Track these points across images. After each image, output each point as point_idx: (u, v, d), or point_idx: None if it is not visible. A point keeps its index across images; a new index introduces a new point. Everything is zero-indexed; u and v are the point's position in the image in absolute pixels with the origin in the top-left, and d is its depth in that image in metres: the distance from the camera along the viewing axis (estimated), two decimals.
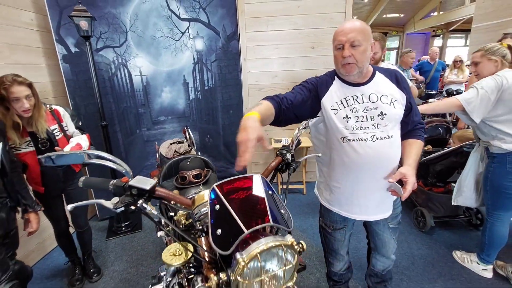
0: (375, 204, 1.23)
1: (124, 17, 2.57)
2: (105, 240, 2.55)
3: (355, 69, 1.08)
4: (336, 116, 1.13)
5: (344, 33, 1.05)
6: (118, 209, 0.82)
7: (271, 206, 0.74)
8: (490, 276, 1.94)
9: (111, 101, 2.68)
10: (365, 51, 1.07)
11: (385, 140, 1.11)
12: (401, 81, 1.16)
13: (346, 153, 1.14)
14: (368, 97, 1.12)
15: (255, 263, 0.64)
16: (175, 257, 0.90)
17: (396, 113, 1.12)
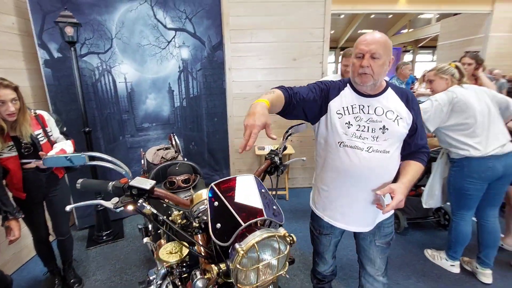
0: (356, 215, 1.23)
1: (109, 24, 2.58)
2: (85, 250, 2.48)
3: (370, 80, 1.09)
4: (339, 120, 1.16)
5: (367, 43, 1.06)
6: (118, 208, 0.85)
7: (264, 202, 0.81)
8: (458, 271, 2.11)
9: (94, 107, 2.65)
10: (384, 64, 1.08)
11: (381, 154, 1.12)
12: (411, 102, 1.16)
13: (340, 158, 1.16)
14: (374, 109, 1.14)
15: (252, 253, 0.71)
16: (172, 255, 0.94)
17: (399, 131, 1.12)
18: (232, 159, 3.49)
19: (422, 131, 1.19)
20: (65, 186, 1.87)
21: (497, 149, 1.76)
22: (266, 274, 0.76)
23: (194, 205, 0.86)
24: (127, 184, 0.87)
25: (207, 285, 0.82)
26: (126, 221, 2.95)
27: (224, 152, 3.45)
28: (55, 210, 1.81)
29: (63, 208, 1.79)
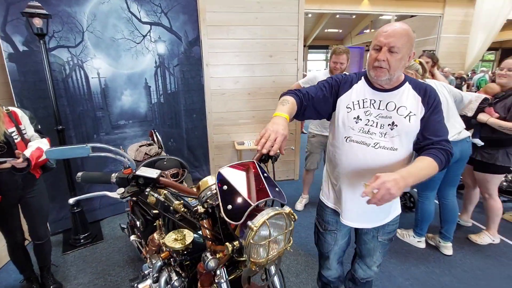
0: (359, 212, 1.21)
1: (80, 16, 2.45)
2: (62, 255, 2.35)
3: (385, 75, 1.04)
4: (348, 115, 1.14)
5: (386, 35, 1.00)
6: (125, 198, 0.86)
7: (268, 185, 0.88)
8: (424, 247, 2.37)
9: (65, 105, 2.51)
10: (402, 59, 1.03)
11: (388, 151, 1.09)
12: (427, 97, 1.09)
13: (346, 153, 1.15)
14: (386, 104, 1.10)
15: (262, 230, 0.77)
16: (177, 242, 0.97)
17: (409, 127, 1.07)
18: (211, 155, 3.50)
19: (438, 126, 1.08)
20: (42, 186, 1.76)
21: (454, 135, 2.00)
22: (274, 249, 0.83)
23: (201, 192, 0.89)
24: (133, 173, 0.88)
25: (218, 264, 0.87)
26: (104, 222, 2.84)
27: (203, 148, 3.44)
28: (32, 212, 1.71)
29: (41, 209, 1.72)
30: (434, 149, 1.03)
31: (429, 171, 0.99)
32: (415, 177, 0.94)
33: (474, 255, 2.27)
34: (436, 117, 1.09)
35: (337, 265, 1.45)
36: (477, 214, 2.79)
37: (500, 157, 2.12)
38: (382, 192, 0.86)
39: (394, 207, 1.29)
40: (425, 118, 1.08)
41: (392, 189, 0.86)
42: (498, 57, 14.15)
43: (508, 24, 6.56)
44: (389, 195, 0.86)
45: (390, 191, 0.86)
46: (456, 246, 2.35)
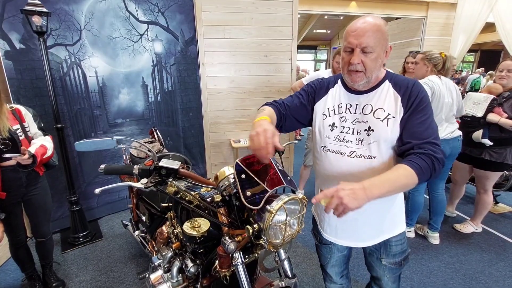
0: (346, 228, 1.09)
1: (78, 14, 2.45)
2: (62, 254, 2.34)
3: (362, 79, 0.95)
4: (323, 122, 1.06)
5: (356, 35, 0.90)
6: (149, 188, 0.92)
7: (281, 174, 0.96)
8: (413, 236, 2.51)
9: (63, 103, 2.50)
10: (378, 58, 0.92)
11: (365, 159, 0.97)
12: (409, 94, 0.94)
13: (323, 164, 1.07)
14: (362, 108, 0.99)
15: (280, 214, 0.85)
16: (194, 229, 1.03)
17: (387, 133, 0.94)
18: (208, 153, 3.55)
19: (419, 127, 0.92)
20: (45, 184, 1.77)
21: (448, 134, 2.14)
22: (288, 232, 0.91)
23: (220, 181, 0.96)
24: (155, 165, 0.94)
25: (237, 248, 0.94)
26: (102, 221, 2.84)
27: (200, 147, 3.49)
28: (36, 210, 1.72)
29: (44, 207, 1.74)
30: (414, 155, 0.88)
31: (403, 181, 0.84)
32: (381, 188, 0.80)
33: (459, 243, 2.43)
34: (419, 116, 0.93)
35: (340, 279, 1.32)
36: (460, 205, 2.98)
37: (508, 156, 2.21)
38: (334, 201, 0.76)
39: (393, 222, 1.10)
40: (404, 119, 0.94)
41: (345, 199, 0.74)
42: (478, 58, 14.81)
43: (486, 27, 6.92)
44: (341, 205, 0.75)
45: (342, 201, 0.74)
46: (443, 235, 2.51)
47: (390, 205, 1.08)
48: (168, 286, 1.22)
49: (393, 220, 1.10)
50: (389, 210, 1.08)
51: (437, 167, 0.87)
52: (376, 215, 1.06)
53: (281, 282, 1.17)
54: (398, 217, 1.12)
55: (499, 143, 2.20)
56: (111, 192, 2.95)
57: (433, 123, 0.95)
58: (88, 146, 0.87)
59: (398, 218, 1.12)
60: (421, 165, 0.85)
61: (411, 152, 0.89)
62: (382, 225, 1.08)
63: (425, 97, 0.96)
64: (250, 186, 0.89)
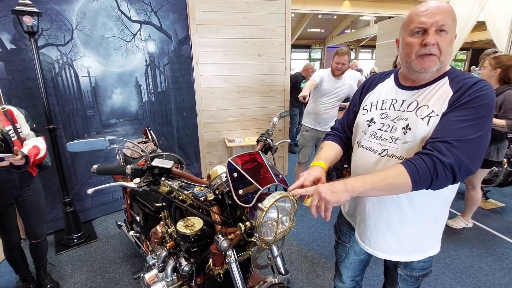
0: (369, 232, 1.01)
1: (69, 14, 2.43)
2: (56, 255, 2.33)
3: (435, 64, 0.82)
4: (363, 117, 1.00)
5: (430, 13, 0.79)
6: (141, 188, 0.93)
7: (273, 172, 0.98)
8: None
9: (55, 103, 2.48)
10: (451, 41, 0.81)
11: (396, 160, 0.87)
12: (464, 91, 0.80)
13: (355, 159, 1.02)
14: (408, 104, 0.89)
15: (270, 213, 0.87)
16: (188, 228, 1.04)
17: (426, 132, 0.83)
18: (202, 153, 3.55)
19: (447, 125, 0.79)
20: (38, 184, 1.76)
21: None
22: (280, 229, 0.93)
23: (212, 180, 0.97)
24: (147, 165, 0.95)
25: (230, 245, 0.95)
26: (96, 222, 2.83)
27: (194, 146, 3.49)
28: (29, 211, 1.71)
29: (38, 208, 1.73)
30: (417, 154, 0.78)
31: (390, 180, 0.75)
32: (363, 183, 0.76)
33: (450, 238, 2.48)
34: (458, 114, 0.78)
35: (350, 282, 1.26)
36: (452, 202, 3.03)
37: (492, 153, 2.29)
38: (314, 197, 0.77)
39: (424, 245, 0.98)
40: (443, 113, 0.81)
41: (323, 192, 0.75)
42: (469, 57, 15.03)
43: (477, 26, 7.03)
44: (321, 200, 0.76)
45: (320, 195, 0.76)
46: None
47: (421, 218, 0.94)
48: (163, 285, 1.23)
49: (425, 239, 0.97)
50: (420, 225, 0.94)
51: (440, 173, 0.73)
52: (401, 226, 0.95)
53: (274, 279, 1.18)
54: (432, 236, 0.99)
55: None
56: (105, 193, 2.94)
57: (473, 128, 0.76)
58: (80, 146, 0.88)
59: (432, 237, 0.99)
60: (418, 167, 0.74)
61: (417, 152, 0.79)
62: (409, 241, 0.96)
63: (482, 97, 0.77)
64: (242, 184, 0.91)
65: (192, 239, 1.14)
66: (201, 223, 1.05)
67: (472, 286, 1.95)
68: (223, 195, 0.98)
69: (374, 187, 0.77)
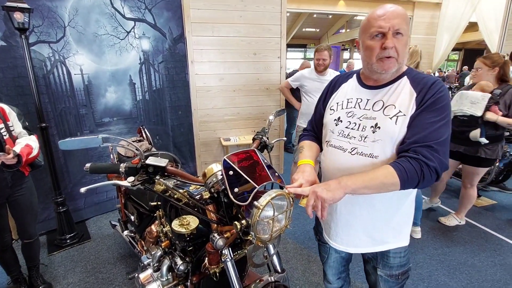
0: (338, 230, 1.05)
1: (61, 11, 2.39)
2: (48, 256, 2.29)
3: (394, 65, 0.89)
4: (330, 117, 1.04)
5: (387, 18, 0.84)
6: (136, 186, 0.91)
7: (269, 170, 0.97)
8: (419, 237, 2.48)
9: (47, 102, 2.43)
10: (407, 43, 0.88)
11: (366, 158, 0.92)
12: (427, 91, 0.87)
13: (325, 159, 1.04)
14: (373, 104, 0.95)
15: (267, 210, 0.86)
16: (183, 227, 1.03)
17: (394, 131, 0.88)
18: (197, 152, 3.53)
19: (424, 127, 0.84)
20: (31, 184, 1.73)
21: None
22: (276, 227, 0.92)
23: (208, 178, 0.96)
24: (142, 163, 0.93)
25: (225, 244, 0.95)
26: (89, 222, 2.79)
27: (189, 145, 3.47)
28: (22, 211, 1.67)
29: (30, 207, 1.70)
30: (404, 157, 0.83)
31: (380, 179, 0.81)
32: (355, 181, 0.81)
33: (443, 235, 2.51)
34: (429, 116, 0.84)
35: (336, 280, 1.30)
36: (445, 199, 3.07)
37: (500, 151, 2.28)
38: (311, 196, 0.81)
39: (394, 234, 1.02)
40: (413, 116, 0.87)
41: (319, 191, 0.80)
42: (462, 57, 15.23)
43: (469, 26, 7.12)
44: (317, 199, 0.80)
45: (317, 194, 0.80)
46: (428, 228, 2.59)
47: (391, 214, 0.99)
48: (158, 285, 1.22)
49: (395, 232, 1.02)
50: (390, 219, 0.99)
51: (426, 175, 0.81)
52: (372, 222, 1.00)
53: (270, 277, 1.18)
54: (401, 229, 1.03)
55: (494, 140, 2.23)
56: (99, 192, 2.90)
57: (444, 127, 0.85)
58: (72, 144, 0.86)
59: (400, 230, 1.03)
60: (406, 169, 0.80)
61: (403, 155, 0.85)
62: (380, 234, 1.01)
63: (443, 97, 0.86)
64: (238, 182, 0.90)
65: (188, 238, 1.13)
66: (197, 222, 1.04)
67: (466, 282, 1.98)
68: (219, 194, 0.97)
69: (366, 185, 0.82)
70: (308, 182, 0.91)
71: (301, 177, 0.93)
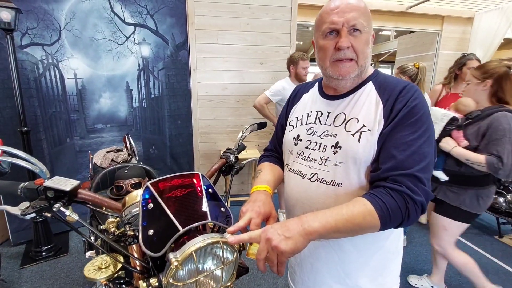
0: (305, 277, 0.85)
1: (58, 14, 2.33)
2: (19, 269, 2.14)
3: (354, 69, 0.71)
4: (289, 134, 0.86)
5: (340, 12, 0.68)
6: (28, 215, 0.69)
7: (210, 204, 0.71)
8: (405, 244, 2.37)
9: (36, 105, 2.35)
10: (368, 42, 0.71)
11: (328, 186, 0.73)
12: (395, 100, 0.68)
13: (286, 184, 0.87)
14: (334, 117, 0.76)
15: (190, 264, 0.59)
16: (100, 271, 0.78)
17: (357, 150, 0.69)
18: (197, 164, 3.32)
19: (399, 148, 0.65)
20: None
21: None
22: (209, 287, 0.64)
23: (126, 208, 0.72)
24: (41, 185, 0.71)
25: None
26: (72, 233, 2.63)
27: (188, 157, 3.27)
28: None
29: None
30: (382, 188, 0.64)
31: (357, 221, 0.60)
32: (324, 222, 0.59)
33: None
34: (404, 134, 0.65)
35: None
36: None
37: (468, 200, 1.55)
38: (262, 245, 0.58)
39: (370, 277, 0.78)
40: (384, 134, 0.68)
41: (275, 239, 0.57)
42: None
43: (505, 43, 6.53)
44: (273, 250, 0.57)
45: (272, 243, 0.57)
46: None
47: (363, 256, 0.77)
48: None
49: (373, 279, 0.78)
50: (367, 260, 0.77)
51: (412, 212, 0.62)
52: (343, 265, 0.78)
53: None
54: (382, 275, 0.79)
55: (457, 181, 1.57)
56: None
57: (425, 146, 0.65)
58: None
59: (382, 277, 0.79)
60: (388, 206, 0.61)
61: (382, 184, 0.64)
62: (352, 281, 0.78)
63: (417, 107, 0.67)
64: (158, 220, 0.64)
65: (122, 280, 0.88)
66: (118, 266, 0.79)
67: None
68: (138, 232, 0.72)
69: (337, 229, 0.60)
70: (259, 215, 0.70)
71: (250, 208, 0.72)
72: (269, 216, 0.73)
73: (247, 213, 0.70)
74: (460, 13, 5.54)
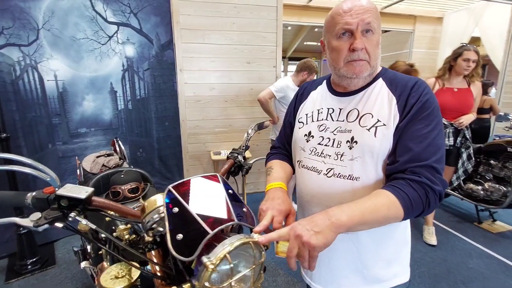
0: (322, 270, 0.85)
1: (35, 12, 2.20)
2: (5, 284, 2.00)
3: (366, 69, 0.74)
4: (299, 131, 0.87)
5: (354, 13, 0.70)
6: (41, 227, 0.65)
7: (233, 205, 0.70)
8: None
9: (14, 110, 2.21)
10: (379, 43, 0.75)
11: (345, 180, 0.75)
12: (408, 95, 0.72)
13: (299, 183, 0.88)
14: (346, 114, 0.78)
15: (224, 265, 0.59)
16: (117, 280, 0.76)
17: (374, 145, 0.72)
18: (186, 166, 3.27)
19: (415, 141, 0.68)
20: None
21: None
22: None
23: (147, 215, 0.70)
24: (53, 194, 0.67)
25: None
26: (58, 244, 2.50)
27: (177, 159, 3.21)
28: None
29: None
30: (403, 180, 0.66)
31: (383, 212, 0.63)
32: (351, 215, 0.61)
33: (458, 269, 2.19)
34: (419, 127, 0.69)
35: None
36: None
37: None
38: (293, 243, 0.58)
39: (386, 270, 0.82)
40: (400, 128, 0.71)
41: (305, 235, 0.57)
42: None
43: (472, 41, 6.97)
44: (304, 246, 0.58)
45: (302, 239, 0.57)
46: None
47: (379, 246, 0.80)
48: None
49: (387, 268, 0.82)
50: (379, 253, 0.80)
51: (432, 202, 0.66)
52: (360, 256, 0.81)
53: None
54: (397, 266, 0.84)
55: None
56: None
57: (438, 138, 0.70)
58: None
59: (396, 267, 0.83)
60: (410, 196, 0.64)
61: (401, 176, 0.67)
62: (369, 271, 0.81)
63: (429, 101, 0.71)
64: (185, 224, 0.63)
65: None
66: (138, 273, 0.77)
67: None
68: (163, 237, 0.70)
69: (364, 221, 0.63)
70: (281, 213, 0.71)
71: (270, 206, 0.72)
72: (289, 213, 0.74)
73: (268, 212, 0.71)
74: (431, 13, 5.85)
